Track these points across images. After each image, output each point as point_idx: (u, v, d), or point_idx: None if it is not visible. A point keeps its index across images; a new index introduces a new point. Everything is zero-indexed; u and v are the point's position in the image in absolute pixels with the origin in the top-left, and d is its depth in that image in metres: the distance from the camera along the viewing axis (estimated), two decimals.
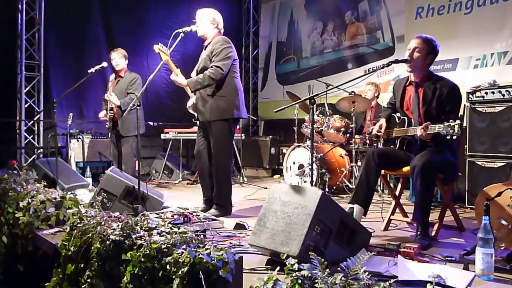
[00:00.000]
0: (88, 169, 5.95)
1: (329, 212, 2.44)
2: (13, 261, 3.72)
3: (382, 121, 3.42)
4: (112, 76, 5.54)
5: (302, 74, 8.56)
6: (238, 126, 6.31)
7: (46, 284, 2.72)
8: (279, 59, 9.14)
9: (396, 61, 3.22)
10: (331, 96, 6.38)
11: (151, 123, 7.00)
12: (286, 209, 2.48)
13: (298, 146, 5.64)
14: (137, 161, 5.34)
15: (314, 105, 3.10)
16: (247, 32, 9.53)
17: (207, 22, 4.06)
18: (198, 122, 4.25)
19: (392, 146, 3.37)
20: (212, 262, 1.81)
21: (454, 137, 2.78)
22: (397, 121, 3.35)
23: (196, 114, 4.16)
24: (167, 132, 6.88)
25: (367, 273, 1.45)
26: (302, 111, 6.24)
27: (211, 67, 3.89)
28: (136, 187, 3.76)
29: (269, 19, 9.44)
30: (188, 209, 3.83)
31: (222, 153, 4.04)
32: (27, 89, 6.75)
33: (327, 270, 1.45)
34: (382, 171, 3.36)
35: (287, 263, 1.55)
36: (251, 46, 9.51)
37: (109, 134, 5.47)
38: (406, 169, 3.21)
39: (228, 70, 3.94)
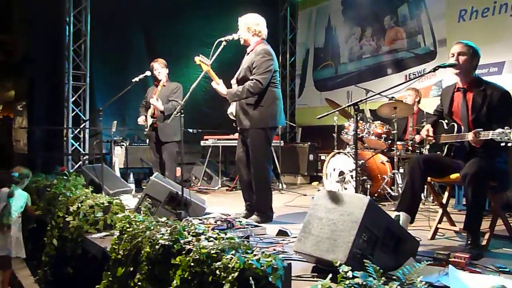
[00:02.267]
0: (131, 175, 6.11)
1: (376, 219, 2.41)
2: (63, 263, 3.87)
3: (428, 126, 3.35)
4: (152, 87, 5.66)
5: (340, 80, 8.49)
6: (276, 133, 6.36)
7: (96, 286, 2.81)
8: (316, 65, 9.11)
9: (443, 66, 3.15)
10: (370, 101, 6.29)
11: (190, 130, 7.12)
12: (331, 216, 2.46)
13: (338, 153, 5.59)
14: (179, 168, 5.46)
15: (358, 112, 3.06)
16: (283, 39, 9.56)
17: (244, 30, 4.09)
18: (238, 129, 4.29)
19: (438, 153, 3.29)
20: (262, 268, 1.82)
21: (509, 144, 2.69)
22: (445, 127, 3.27)
23: (235, 121, 4.22)
24: (207, 139, 6.97)
25: (424, 282, 1.42)
26: (341, 117, 6.18)
27: (251, 79, 3.92)
28: (179, 193, 3.84)
29: (306, 25, 9.44)
30: (230, 215, 3.87)
31: (260, 160, 4.06)
32: (73, 98, 7.03)
33: (383, 278, 1.43)
34: (428, 178, 3.29)
35: (340, 270, 1.54)
36: (288, 53, 9.53)
37: (147, 140, 5.59)
38: (454, 176, 3.12)
39: (267, 83, 3.97)
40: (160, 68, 5.49)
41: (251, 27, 4.06)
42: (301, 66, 9.47)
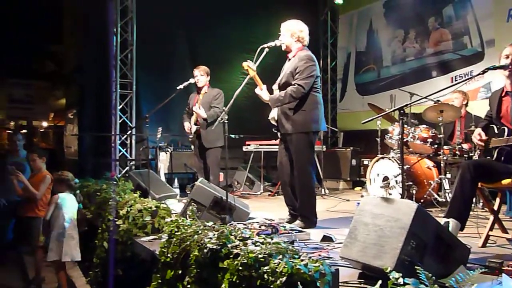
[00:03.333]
0: (175, 180, 6.26)
1: (424, 226, 2.36)
2: (113, 265, 4.02)
3: (479, 130, 3.25)
4: (194, 93, 5.76)
5: (382, 84, 8.35)
6: (318, 137, 6.33)
7: None
8: (358, 69, 9.01)
9: (493, 68, 3.06)
10: (415, 105, 6.16)
11: (232, 136, 7.21)
12: (378, 222, 2.44)
13: (383, 158, 5.50)
14: (222, 173, 5.55)
15: (403, 116, 3.02)
16: (324, 43, 9.52)
17: (290, 35, 4.12)
18: (279, 134, 4.32)
19: (489, 157, 3.19)
20: (310, 273, 1.83)
21: None
22: (496, 131, 3.17)
23: (276, 126, 4.25)
24: (249, 145, 7.04)
25: None
26: (385, 122, 6.09)
27: (294, 84, 3.95)
28: (224, 198, 3.90)
29: (347, 29, 9.37)
30: (273, 220, 3.90)
31: (304, 165, 4.06)
32: (121, 105, 7.29)
33: (435, 286, 1.41)
34: (479, 184, 3.19)
35: (390, 277, 1.53)
36: (329, 57, 9.48)
37: (192, 146, 5.71)
38: (506, 182, 3.02)
39: (310, 88, 3.98)
40: (199, 76, 5.57)
41: (295, 33, 4.10)
42: (342, 70, 9.39)
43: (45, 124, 20.33)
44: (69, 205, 4.27)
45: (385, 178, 5.37)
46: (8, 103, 13.66)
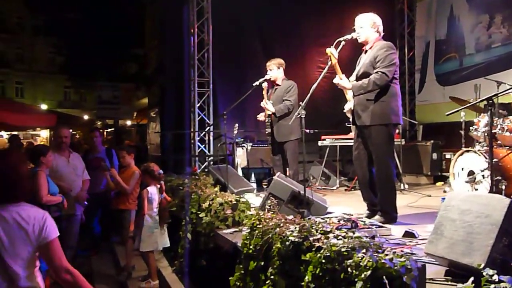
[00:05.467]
0: (252, 175, 6.40)
1: None
2: (196, 256, 4.23)
3: None
4: (265, 85, 5.77)
5: (465, 73, 7.88)
6: (397, 131, 6.14)
7: (230, 278, 3.03)
8: (438, 58, 8.58)
9: None
10: (502, 95, 5.75)
11: (307, 131, 7.21)
12: (466, 218, 2.35)
13: (467, 151, 5.21)
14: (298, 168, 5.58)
15: (492, 107, 2.87)
16: (401, 33, 9.17)
17: (368, 27, 4.06)
18: (354, 127, 4.25)
19: None
20: (395, 268, 1.82)
21: None
22: None
23: (350, 118, 4.19)
24: (324, 139, 7.00)
25: None
26: (469, 113, 5.76)
27: (376, 72, 3.88)
28: (301, 192, 3.94)
29: (425, 17, 8.96)
30: (352, 215, 3.86)
31: (383, 158, 3.98)
32: (199, 103, 7.59)
33: None
34: None
35: (484, 273, 1.48)
36: (406, 47, 9.12)
37: (269, 139, 5.75)
38: None
39: (392, 76, 3.90)
40: (272, 68, 5.53)
41: (375, 23, 4.07)
42: (420, 60, 9.00)
43: (128, 122, 21.71)
44: (157, 198, 4.55)
45: (471, 173, 5.09)
46: (98, 104, 14.80)
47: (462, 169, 5.25)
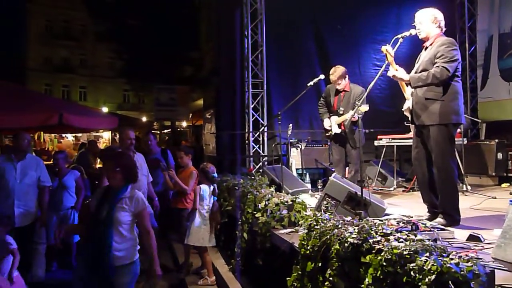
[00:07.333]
0: (307, 175, 6.38)
1: None
2: (253, 255, 4.28)
3: None
4: (331, 85, 5.66)
5: None
6: (458, 131, 5.88)
7: (287, 278, 3.04)
8: (502, 53, 8.12)
9: None
10: None
11: (366, 130, 7.08)
12: None
13: None
14: (347, 167, 5.49)
15: None
16: (461, 27, 8.77)
17: (429, 23, 3.93)
18: (413, 126, 4.13)
19: None
20: (462, 272, 1.76)
21: None
22: None
23: (410, 117, 4.07)
24: (381, 139, 6.84)
25: None
26: None
27: (437, 67, 3.75)
28: (358, 193, 3.88)
29: (487, 10, 8.50)
30: (412, 217, 3.75)
31: (444, 159, 3.83)
32: (253, 104, 7.66)
33: None
34: None
35: None
36: (467, 42, 8.70)
37: (329, 141, 5.65)
38: None
39: (452, 73, 3.75)
40: (340, 82, 5.49)
41: (437, 18, 3.94)
42: (483, 55, 8.56)
43: (184, 124, 22.30)
44: (208, 196, 4.66)
45: None
46: (156, 106, 15.36)
47: None
